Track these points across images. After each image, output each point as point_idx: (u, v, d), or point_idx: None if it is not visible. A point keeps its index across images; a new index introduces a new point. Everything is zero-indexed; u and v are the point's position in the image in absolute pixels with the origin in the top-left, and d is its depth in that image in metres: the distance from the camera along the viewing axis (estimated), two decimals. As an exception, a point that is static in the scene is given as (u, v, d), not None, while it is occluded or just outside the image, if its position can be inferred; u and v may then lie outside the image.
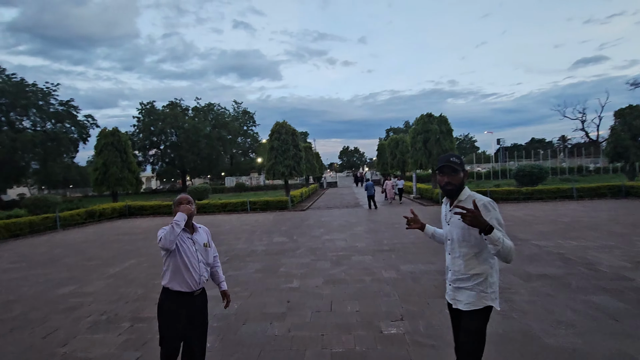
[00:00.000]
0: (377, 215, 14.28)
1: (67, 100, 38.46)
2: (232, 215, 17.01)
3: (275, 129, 19.55)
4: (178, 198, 2.63)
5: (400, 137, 30.26)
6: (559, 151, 62.90)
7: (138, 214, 18.54)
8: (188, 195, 2.66)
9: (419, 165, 19.11)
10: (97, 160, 20.32)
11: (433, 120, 18.92)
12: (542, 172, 18.57)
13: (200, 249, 2.63)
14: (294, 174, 19.46)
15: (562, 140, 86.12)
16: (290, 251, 8.21)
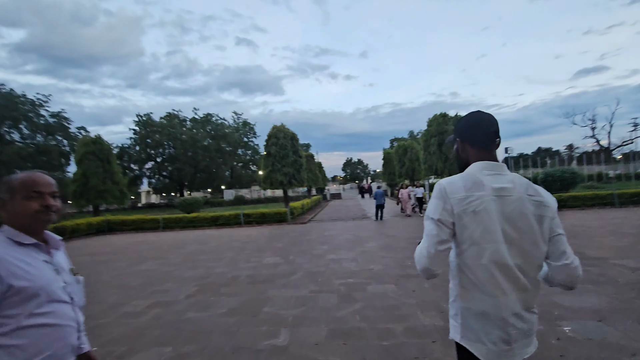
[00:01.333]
0: (390, 228, 12.13)
1: (57, 112, 37.07)
2: (224, 230, 14.93)
3: (273, 133, 17.65)
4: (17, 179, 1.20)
5: (409, 143, 28.29)
6: (571, 159, 60.67)
7: (118, 229, 16.51)
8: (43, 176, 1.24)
9: (433, 172, 17.01)
10: (77, 171, 18.44)
11: (448, 120, 16.95)
12: (574, 177, 16.43)
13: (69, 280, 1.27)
14: (293, 183, 17.44)
15: (569, 149, 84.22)
16: (283, 277, 6.10)
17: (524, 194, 1.19)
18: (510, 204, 1.18)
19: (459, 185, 1.21)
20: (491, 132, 1.29)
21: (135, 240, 13.35)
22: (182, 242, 11.91)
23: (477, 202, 1.17)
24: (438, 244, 1.18)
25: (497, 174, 1.23)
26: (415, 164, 27.33)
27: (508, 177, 1.23)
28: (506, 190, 1.19)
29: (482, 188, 1.19)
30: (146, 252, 10.13)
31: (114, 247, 11.61)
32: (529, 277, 1.20)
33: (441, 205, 1.20)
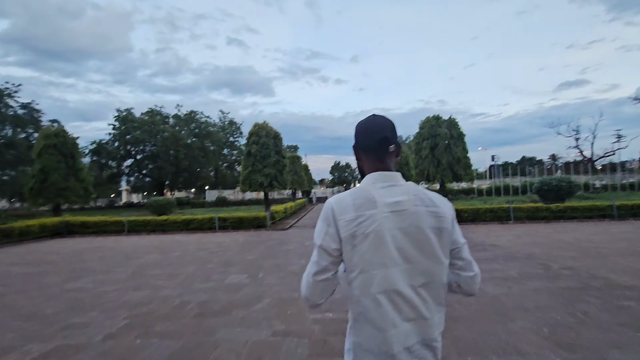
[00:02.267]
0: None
1: (27, 103, 34.66)
2: (195, 236, 13.47)
3: (254, 131, 16.30)
4: None
5: (398, 147, 27.40)
6: (555, 169, 61.31)
7: (78, 232, 14.83)
8: None
9: (425, 177, 15.96)
10: (34, 166, 16.66)
11: (442, 123, 15.94)
12: (571, 187, 15.63)
13: None
14: (275, 186, 16.10)
15: (552, 159, 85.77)
16: (244, 306, 4.78)
17: (421, 206, 1.10)
18: (406, 219, 1.08)
19: (348, 203, 1.10)
20: (382, 138, 1.16)
21: (90, 245, 11.77)
22: (143, 249, 10.43)
23: (368, 223, 1.06)
24: (317, 274, 1.10)
25: (391, 186, 1.13)
26: (404, 169, 26.37)
27: (403, 188, 1.13)
28: (401, 204, 1.09)
29: (374, 205, 1.08)
30: (94, 262, 8.64)
31: (60, 255, 10.03)
32: (431, 300, 1.09)
33: (325, 229, 1.11)
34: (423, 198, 1.11)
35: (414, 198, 1.10)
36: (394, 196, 1.09)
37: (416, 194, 1.11)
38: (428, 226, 1.08)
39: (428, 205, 1.10)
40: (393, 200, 1.09)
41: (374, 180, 1.14)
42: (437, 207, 1.11)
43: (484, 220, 14.03)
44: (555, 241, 9.16)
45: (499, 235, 10.71)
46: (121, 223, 14.83)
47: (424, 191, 1.14)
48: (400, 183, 1.14)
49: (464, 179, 15.44)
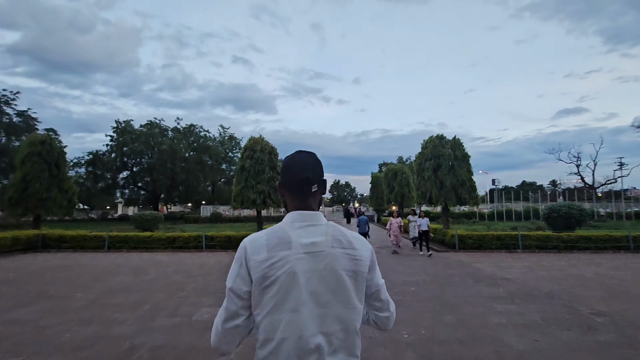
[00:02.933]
0: (379, 266, 9.92)
1: (23, 111, 34.19)
2: (178, 255, 12.45)
3: (249, 145, 15.54)
4: None
5: (399, 167, 26.59)
6: (558, 194, 60.48)
7: (55, 246, 13.80)
8: None
9: (427, 199, 15.09)
10: (16, 174, 15.80)
11: (446, 143, 15.22)
12: (582, 215, 14.72)
13: None
14: (268, 203, 15.19)
15: (553, 184, 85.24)
16: (206, 357, 3.81)
17: (338, 248, 1.08)
18: (322, 260, 1.05)
19: (262, 243, 1.06)
20: (303, 179, 1.14)
21: (62, 263, 10.75)
22: (116, 270, 9.42)
23: (280, 264, 1.03)
24: (226, 320, 1.05)
25: (309, 226, 1.10)
26: (405, 190, 25.55)
27: (321, 229, 1.11)
28: (317, 245, 1.07)
29: (288, 246, 1.06)
30: (55, 284, 7.64)
31: (22, 273, 9.02)
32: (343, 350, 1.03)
33: (236, 271, 1.06)
34: (341, 239, 1.10)
35: (331, 239, 1.09)
36: (311, 237, 1.08)
37: (334, 235, 1.10)
38: (344, 269, 1.06)
39: (345, 247, 1.09)
40: (309, 241, 1.07)
41: (293, 220, 1.11)
42: (355, 250, 1.10)
43: (490, 248, 13.05)
44: (574, 277, 8.20)
45: (509, 266, 9.73)
46: (101, 238, 13.83)
47: (343, 232, 1.13)
48: (320, 223, 1.12)
49: (469, 203, 14.55)
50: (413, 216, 13.71)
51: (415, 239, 13.65)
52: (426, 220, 12.25)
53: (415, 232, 13.37)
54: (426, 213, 28.05)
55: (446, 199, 14.61)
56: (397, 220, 12.65)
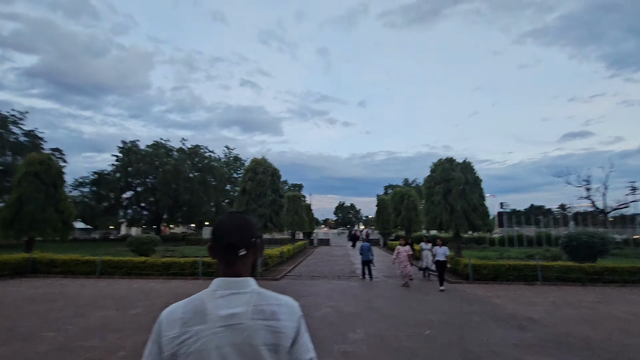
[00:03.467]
0: (386, 302, 9.06)
1: (30, 130, 34.45)
2: (172, 283, 11.69)
3: (251, 167, 15.03)
4: None
5: (406, 190, 25.86)
6: (569, 219, 58.86)
7: (44, 271, 13.12)
8: None
9: (437, 224, 14.28)
10: (11, 195, 15.38)
11: (456, 166, 14.57)
12: (604, 243, 13.74)
13: None
14: (270, 227, 14.49)
15: (561, 208, 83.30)
16: None
17: (259, 320, 1.01)
18: (240, 334, 0.99)
19: (177, 317, 1.02)
20: (228, 244, 1.09)
21: (46, 291, 10.04)
22: (101, 301, 8.69)
23: (192, 341, 0.97)
24: None
25: (233, 294, 1.05)
26: (412, 214, 24.70)
27: (245, 298, 1.04)
28: (236, 317, 1.01)
29: (203, 319, 1.01)
30: (28, 319, 6.92)
31: (0, 303, 8.32)
32: None
33: (149, 347, 1.02)
34: (264, 310, 1.04)
35: (252, 310, 1.03)
36: (231, 307, 1.03)
37: (257, 305, 1.04)
38: (263, 343, 1.00)
39: (267, 319, 1.02)
40: (228, 312, 1.02)
41: (216, 287, 1.07)
42: (277, 322, 1.03)
43: (507, 279, 12.09)
44: (609, 318, 7.28)
45: (531, 302, 8.81)
46: (93, 263, 13.14)
47: (269, 300, 1.07)
48: (245, 291, 1.06)
49: (482, 229, 13.72)
50: (426, 244, 12.93)
51: (427, 270, 12.71)
52: (444, 249, 11.03)
53: (428, 262, 12.53)
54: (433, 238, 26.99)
55: (457, 224, 13.80)
56: (405, 249, 11.63)
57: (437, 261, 11.01)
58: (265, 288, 3.21)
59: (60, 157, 38.21)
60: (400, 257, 11.46)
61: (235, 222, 1.13)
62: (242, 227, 1.13)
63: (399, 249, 11.63)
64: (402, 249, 11.59)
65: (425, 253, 12.71)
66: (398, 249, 11.71)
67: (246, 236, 1.12)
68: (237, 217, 1.15)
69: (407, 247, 11.78)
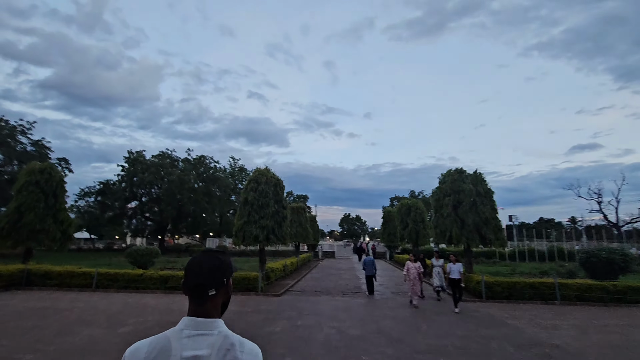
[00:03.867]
0: (394, 322, 8.43)
1: (37, 140, 34.66)
2: (168, 298, 11.17)
3: (253, 177, 14.61)
4: None
5: (413, 202, 25.19)
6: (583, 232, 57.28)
7: (39, 283, 12.70)
8: None
9: (446, 238, 13.64)
10: (10, 204, 15.12)
11: (466, 177, 14.00)
12: (626, 261, 12.94)
13: None
14: (272, 239, 13.96)
15: (571, 222, 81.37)
16: None
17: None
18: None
19: (141, 356, 1.02)
20: (197, 285, 1.11)
21: (37, 305, 9.58)
22: (92, 318, 8.19)
23: None
24: None
25: (199, 335, 1.05)
26: (419, 226, 23.96)
27: (211, 340, 1.05)
28: (199, 359, 1.01)
29: (166, 359, 1.01)
30: (12, 337, 6.45)
31: (-15, 320, 7.87)
32: None
33: None
34: (228, 355, 1.04)
35: (216, 354, 1.03)
36: (197, 349, 1.03)
37: (222, 348, 1.04)
38: None
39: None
40: (192, 354, 1.02)
41: (184, 326, 1.07)
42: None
43: (523, 297, 11.35)
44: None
45: (553, 325, 8.11)
46: (90, 276, 12.70)
47: (234, 344, 1.06)
48: (211, 332, 1.07)
49: (494, 244, 13.03)
50: (437, 260, 12.04)
51: (440, 289, 11.82)
52: (459, 266, 9.98)
53: (440, 280, 11.75)
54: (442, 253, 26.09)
55: (468, 239, 13.14)
56: (415, 265, 10.81)
57: (451, 279, 9.93)
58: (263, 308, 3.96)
59: (66, 166, 38.46)
60: (410, 273, 10.63)
61: (207, 263, 1.14)
62: (214, 267, 1.14)
63: (409, 266, 10.78)
64: (411, 265, 10.74)
65: (436, 270, 11.88)
66: (407, 265, 10.86)
67: (217, 277, 1.13)
68: (209, 258, 1.16)
69: (417, 263, 10.99)
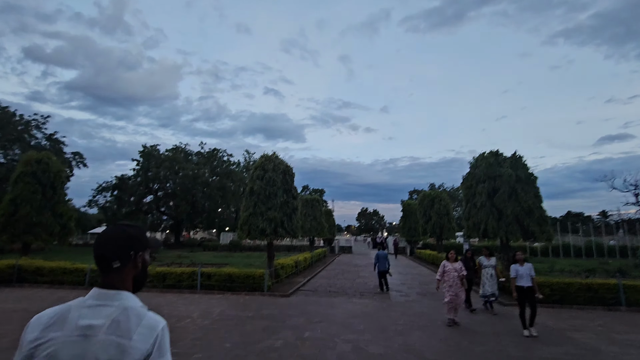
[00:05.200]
0: (429, 335, 6.79)
1: (51, 134, 34.51)
2: (164, 298, 9.92)
3: (259, 164, 13.18)
4: None
5: (437, 193, 23.23)
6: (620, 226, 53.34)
7: (31, 280, 11.76)
8: None
9: (480, 232, 11.81)
10: (5, 197, 14.30)
11: (503, 161, 12.11)
12: None
13: None
14: (281, 233, 12.51)
15: (602, 215, 76.83)
16: None
17: (112, 335, 1.01)
18: (90, 347, 1.00)
19: (42, 321, 1.05)
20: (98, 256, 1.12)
21: (10, 306, 8.49)
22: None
23: (45, 346, 1.00)
24: None
25: (100, 306, 1.06)
26: (444, 220, 22.04)
27: (108, 311, 1.05)
28: (93, 329, 1.02)
29: (62, 327, 1.02)
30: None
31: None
32: None
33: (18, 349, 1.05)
34: (121, 326, 1.03)
35: (110, 324, 1.02)
36: (93, 318, 1.03)
37: (118, 320, 1.03)
38: (107, 359, 0.98)
39: (120, 336, 1.01)
40: (87, 323, 1.02)
41: (89, 297, 1.09)
42: (130, 340, 1.01)
43: (577, 302, 9.45)
44: None
45: (630, 342, 6.27)
46: (82, 272, 11.66)
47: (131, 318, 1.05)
48: (112, 304, 1.06)
49: (539, 237, 11.11)
50: (487, 258, 9.21)
51: (489, 298, 8.91)
52: (528, 267, 6.92)
53: (492, 288, 8.83)
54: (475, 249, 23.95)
55: (507, 232, 11.28)
56: (456, 266, 7.73)
57: (520, 288, 6.76)
58: (268, 311, 5.30)
59: (80, 161, 38.32)
60: (449, 277, 7.63)
61: (112, 234, 1.14)
62: (118, 239, 1.13)
63: (446, 266, 7.80)
64: (449, 266, 7.74)
65: (488, 272, 9.01)
66: (444, 265, 7.87)
67: (121, 249, 1.12)
68: (115, 229, 1.16)
69: (457, 263, 7.83)
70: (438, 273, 8.02)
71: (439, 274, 7.96)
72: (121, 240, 1.12)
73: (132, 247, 1.13)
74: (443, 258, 8.64)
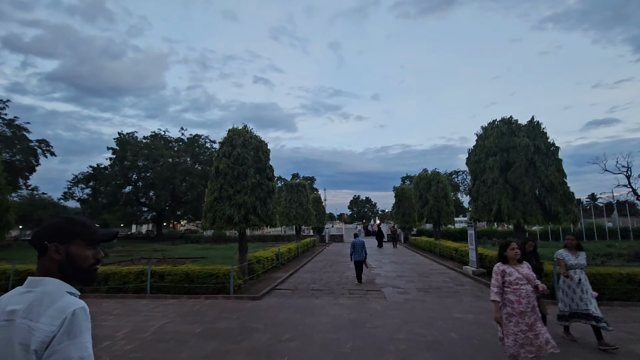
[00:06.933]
0: (445, 358, 4.79)
1: (10, 120, 31.41)
2: (100, 306, 7.76)
3: (226, 139, 10.91)
4: None
5: (434, 175, 21.28)
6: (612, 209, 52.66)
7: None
8: None
9: (492, 213, 9.85)
10: None
11: (517, 129, 10.11)
12: None
13: None
14: (253, 220, 10.35)
15: (591, 199, 76.95)
16: None
17: (25, 319, 1.04)
18: (10, 331, 1.03)
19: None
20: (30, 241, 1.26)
21: None
22: None
23: None
24: None
25: (26, 292, 1.10)
26: (442, 203, 20.17)
27: (30, 296, 1.08)
28: (14, 313, 1.06)
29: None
30: None
31: None
32: None
33: None
34: (33, 310, 1.05)
35: (25, 309, 1.05)
36: (17, 303, 1.06)
37: (33, 304, 1.05)
38: (20, 342, 1.01)
39: (31, 320, 1.04)
40: (11, 308, 1.06)
41: (24, 284, 1.12)
42: (37, 323, 1.03)
43: (617, 297, 7.62)
44: None
45: None
46: (4, 275, 9.40)
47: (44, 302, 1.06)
48: (35, 289, 1.09)
49: (564, 219, 9.20)
50: (573, 253, 5.46)
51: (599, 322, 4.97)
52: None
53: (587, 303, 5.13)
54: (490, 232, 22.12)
55: (525, 213, 9.34)
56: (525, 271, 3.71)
57: None
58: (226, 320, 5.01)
59: (47, 149, 35.36)
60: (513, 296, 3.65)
61: (42, 226, 1.19)
62: (39, 230, 1.18)
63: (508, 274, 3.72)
64: (516, 273, 3.69)
65: (575, 278, 5.29)
66: (500, 271, 3.77)
67: (37, 239, 1.15)
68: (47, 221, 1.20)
69: (525, 265, 3.78)
70: (494, 287, 3.75)
71: (495, 289, 3.74)
72: (40, 231, 1.16)
73: (47, 237, 1.14)
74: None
